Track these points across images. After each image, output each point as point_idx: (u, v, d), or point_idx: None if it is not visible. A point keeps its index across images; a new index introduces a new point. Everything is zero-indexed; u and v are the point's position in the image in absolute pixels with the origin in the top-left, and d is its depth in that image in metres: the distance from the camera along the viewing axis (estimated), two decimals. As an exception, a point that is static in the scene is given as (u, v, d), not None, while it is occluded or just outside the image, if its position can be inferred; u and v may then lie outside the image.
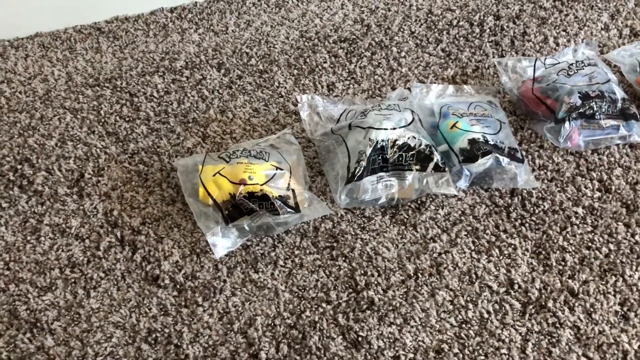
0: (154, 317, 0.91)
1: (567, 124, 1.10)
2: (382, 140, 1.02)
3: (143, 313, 0.92)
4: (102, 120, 1.21)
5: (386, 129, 1.03)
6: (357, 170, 1.01)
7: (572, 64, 1.18)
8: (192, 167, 1.05)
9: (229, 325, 0.90)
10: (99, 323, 0.91)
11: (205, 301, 0.93)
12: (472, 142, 1.04)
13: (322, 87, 1.27)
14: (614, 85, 1.14)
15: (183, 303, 0.93)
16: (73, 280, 0.96)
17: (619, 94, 1.13)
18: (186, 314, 0.91)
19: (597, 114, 1.10)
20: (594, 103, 1.10)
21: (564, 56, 1.23)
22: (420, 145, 1.03)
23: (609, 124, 1.12)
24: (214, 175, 0.99)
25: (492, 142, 1.05)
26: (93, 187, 1.09)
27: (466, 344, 0.87)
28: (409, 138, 1.03)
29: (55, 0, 1.43)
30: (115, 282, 0.95)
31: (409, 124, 1.05)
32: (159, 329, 0.90)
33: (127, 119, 1.21)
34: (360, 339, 0.88)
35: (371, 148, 1.01)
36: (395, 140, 1.02)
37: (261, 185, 0.98)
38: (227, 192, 0.97)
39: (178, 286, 0.95)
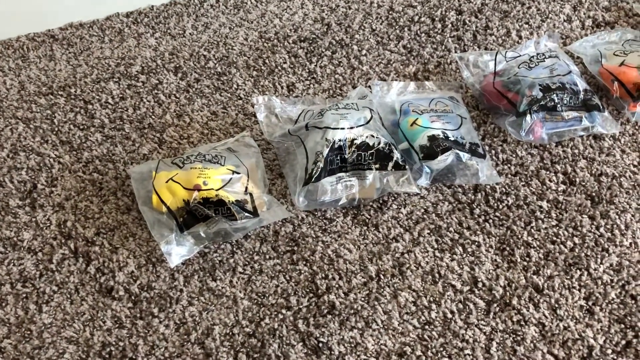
0: (109, 330, 0.88)
1: (528, 117, 1.08)
2: (340, 140, 1.00)
3: (97, 326, 0.89)
4: (56, 129, 1.17)
5: (343, 128, 1.01)
6: (315, 171, 0.98)
7: (533, 57, 1.17)
8: (147, 174, 1.02)
9: (185, 336, 0.87)
10: (51, 339, 0.87)
11: (161, 312, 0.90)
12: (432, 138, 1.02)
13: (282, 87, 1.24)
14: (575, 76, 1.13)
15: (138, 315, 0.90)
16: (24, 295, 0.92)
17: (581, 85, 1.12)
18: (141, 326, 0.88)
19: (558, 106, 1.09)
20: (555, 95, 1.09)
21: (525, 49, 1.22)
22: (379, 143, 1.00)
23: (571, 116, 1.10)
24: (167, 182, 0.96)
25: (452, 138, 1.03)
26: (46, 198, 1.05)
27: (429, 346, 0.85)
28: (367, 137, 1.00)
29: (7, 8, 1.39)
30: (69, 296, 0.92)
31: (368, 123, 1.03)
32: (114, 343, 0.87)
33: (81, 127, 1.17)
34: (320, 344, 0.85)
35: (328, 148, 0.99)
36: (354, 140, 1.00)
37: (216, 190, 0.95)
38: (181, 199, 0.94)
39: (133, 297, 0.91)
